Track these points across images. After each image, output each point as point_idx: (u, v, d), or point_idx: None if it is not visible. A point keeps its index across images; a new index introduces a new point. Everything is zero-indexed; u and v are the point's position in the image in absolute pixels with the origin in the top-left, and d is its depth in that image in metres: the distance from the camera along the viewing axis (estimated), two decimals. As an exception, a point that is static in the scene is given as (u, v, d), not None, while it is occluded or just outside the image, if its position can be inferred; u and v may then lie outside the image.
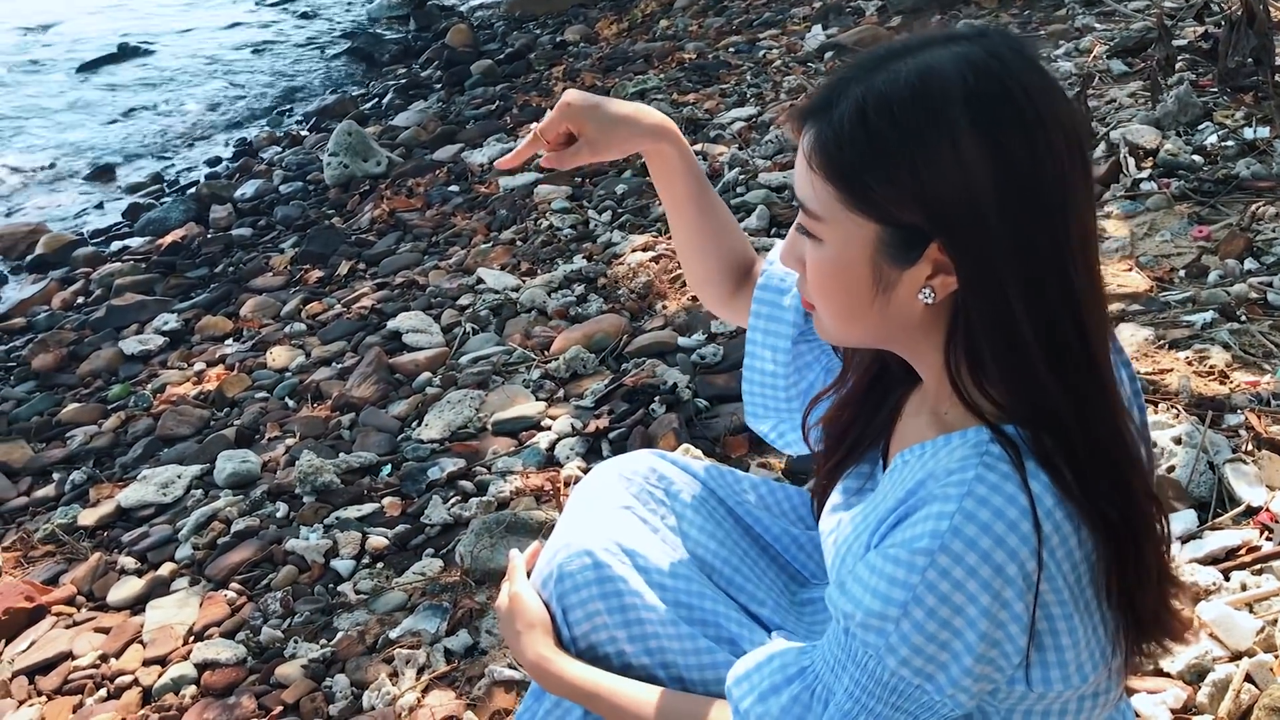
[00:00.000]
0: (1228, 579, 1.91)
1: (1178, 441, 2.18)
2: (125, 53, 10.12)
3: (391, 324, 3.78)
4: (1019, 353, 1.00)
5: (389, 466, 2.96)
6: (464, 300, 3.89)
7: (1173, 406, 2.32)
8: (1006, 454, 0.99)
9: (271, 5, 11.71)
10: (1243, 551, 1.97)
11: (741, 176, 4.25)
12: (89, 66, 9.76)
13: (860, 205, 1.01)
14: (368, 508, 2.78)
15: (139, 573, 2.80)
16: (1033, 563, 0.96)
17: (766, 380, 1.43)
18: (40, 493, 3.38)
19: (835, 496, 1.27)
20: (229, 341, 4.19)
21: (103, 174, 7.17)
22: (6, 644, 2.64)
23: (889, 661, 1.00)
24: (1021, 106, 0.97)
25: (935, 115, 0.97)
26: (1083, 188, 1.01)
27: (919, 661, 0.99)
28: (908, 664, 0.99)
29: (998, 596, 0.96)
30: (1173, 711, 1.69)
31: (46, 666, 2.52)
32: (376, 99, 7.70)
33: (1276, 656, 1.74)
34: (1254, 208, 3.12)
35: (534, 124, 1.50)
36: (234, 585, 2.62)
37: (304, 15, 11.40)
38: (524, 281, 3.92)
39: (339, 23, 11.04)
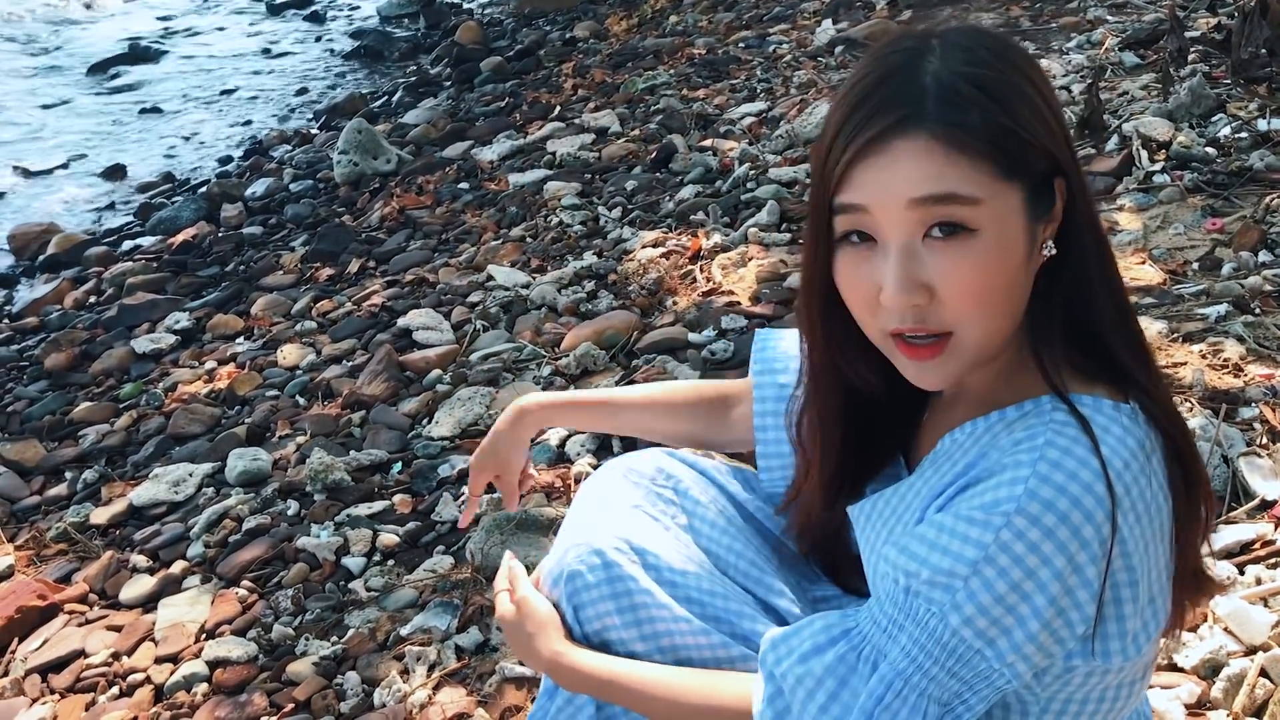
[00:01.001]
0: (1242, 573, 1.90)
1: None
2: (135, 53, 10.14)
3: (402, 321, 3.78)
4: (1117, 294, 1.06)
5: (399, 464, 2.97)
6: (474, 297, 3.89)
7: (1186, 400, 2.30)
8: (1072, 420, 1.00)
9: (281, 5, 11.71)
10: (1257, 545, 1.96)
11: (752, 172, 4.24)
12: (99, 67, 9.79)
13: (1012, 167, 0.99)
14: (378, 505, 2.78)
15: (151, 571, 2.81)
16: (1108, 526, 0.96)
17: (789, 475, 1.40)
18: (52, 491, 3.39)
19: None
20: (240, 340, 4.20)
21: (114, 174, 7.19)
22: (19, 642, 2.65)
23: (952, 619, 0.99)
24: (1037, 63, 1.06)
25: (1014, 66, 1.02)
26: None
27: (983, 623, 0.98)
28: (971, 624, 0.98)
29: (1072, 560, 0.96)
30: (1187, 707, 1.68)
31: (59, 665, 2.53)
32: (386, 97, 7.71)
33: (1292, 651, 1.73)
34: (1268, 200, 3.10)
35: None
36: (245, 583, 2.63)
37: (313, 15, 11.40)
38: (534, 278, 3.91)
39: (348, 21, 11.05)
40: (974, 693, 1.02)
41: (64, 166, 7.49)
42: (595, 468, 2.63)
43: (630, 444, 2.73)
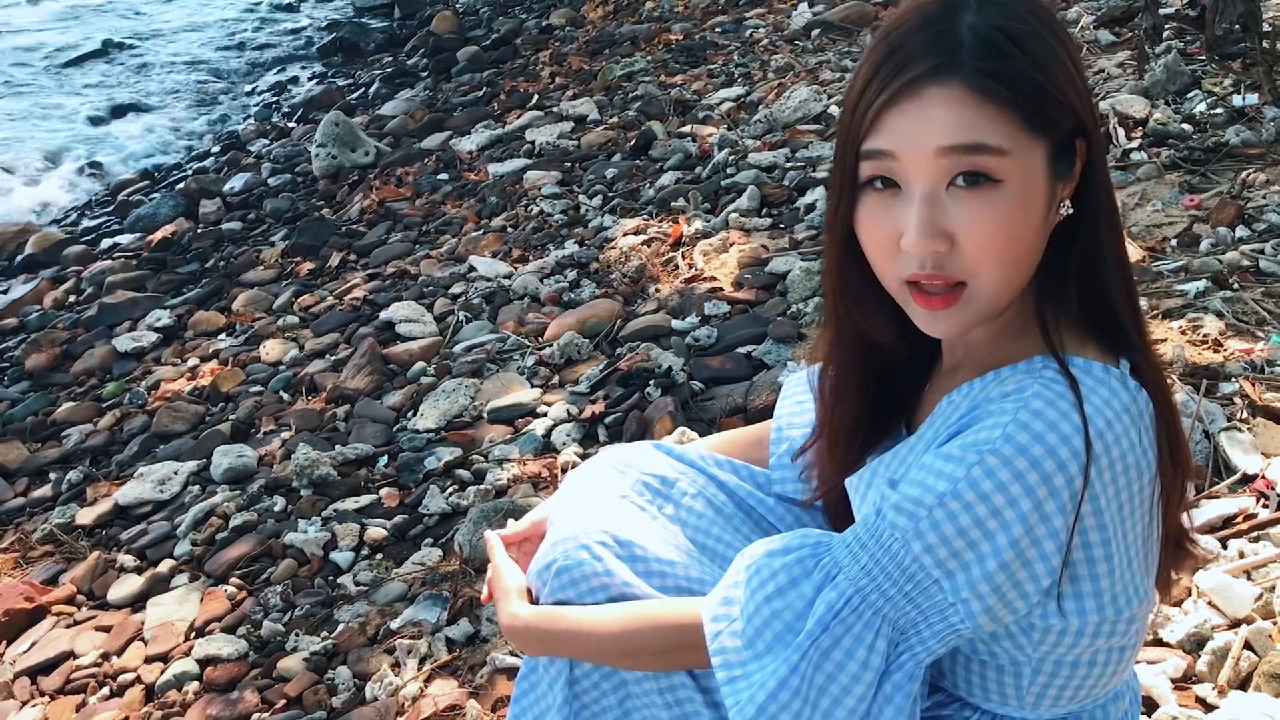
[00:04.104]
0: (1225, 547, 1.92)
1: (1173, 411, 2.18)
2: (109, 49, 10.06)
3: (384, 314, 3.77)
4: (1122, 257, 1.07)
5: (385, 457, 2.96)
6: (456, 288, 3.88)
7: (1167, 376, 2.31)
8: (1060, 376, 1.01)
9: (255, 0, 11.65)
10: (1240, 519, 1.97)
11: (731, 157, 4.24)
12: (73, 64, 9.70)
13: (1039, 121, 1.00)
14: (365, 499, 2.78)
15: (138, 570, 2.80)
16: (1080, 479, 0.98)
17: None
18: (37, 493, 3.37)
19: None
20: (222, 336, 4.18)
21: (90, 171, 7.13)
22: (7, 645, 2.64)
23: (914, 546, 1.01)
24: None
25: (1046, 24, 1.03)
26: None
27: (943, 553, 1.00)
28: (932, 552, 1.00)
29: (1039, 506, 0.98)
30: (1173, 681, 1.69)
31: (48, 666, 2.52)
32: (363, 89, 7.66)
33: (1275, 623, 1.74)
34: (1244, 175, 3.12)
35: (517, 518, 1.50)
36: (234, 580, 2.62)
37: (288, 7, 11.33)
38: (516, 268, 3.91)
39: (323, 13, 10.98)
40: (928, 625, 1.03)
41: (40, 165, 7.42)
42: (581, 457, 2.64)
43: (615, 433, 2.73)
